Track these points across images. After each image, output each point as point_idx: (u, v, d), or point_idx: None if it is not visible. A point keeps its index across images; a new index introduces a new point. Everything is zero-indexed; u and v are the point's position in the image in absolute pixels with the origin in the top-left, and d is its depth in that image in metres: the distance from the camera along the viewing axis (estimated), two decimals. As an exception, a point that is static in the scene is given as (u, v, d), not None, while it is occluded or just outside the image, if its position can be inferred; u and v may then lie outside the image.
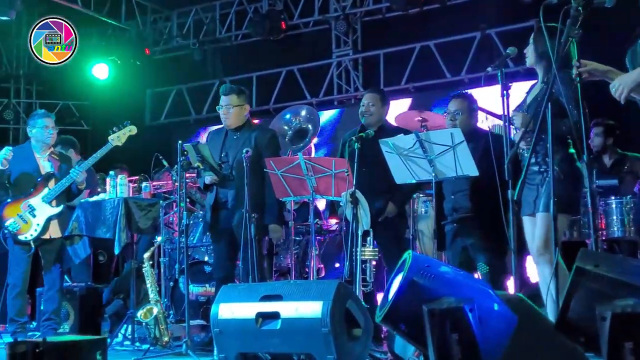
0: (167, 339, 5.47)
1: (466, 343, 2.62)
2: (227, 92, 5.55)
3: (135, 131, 6.12)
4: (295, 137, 7.49)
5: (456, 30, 9.46)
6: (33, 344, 2.94)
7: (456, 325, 2.69)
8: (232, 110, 5.51)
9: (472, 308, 2.62)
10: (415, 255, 3.10)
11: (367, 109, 5.60)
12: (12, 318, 5.95)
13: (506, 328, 2.68)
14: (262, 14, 10.64)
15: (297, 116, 7.63)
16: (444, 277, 2.89)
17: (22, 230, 5.93)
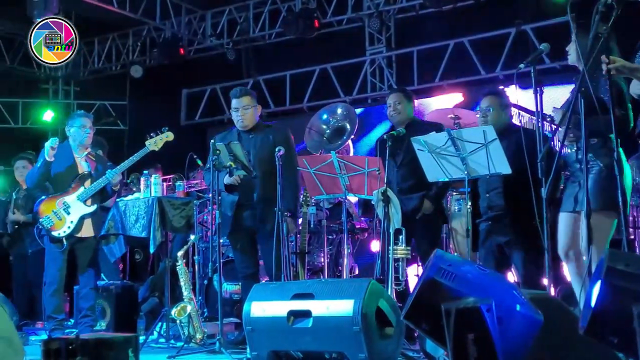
0: (200, 337, 5.51)
1: (482, 343, 2.60)
2: (242, 94, 5.62)
3: (172, 137, 6.23)
4: (334, 136, 7.51)
5: (491, 27, 9.39)
6: (66, 341, 2.99)
7: (472, 325, 2.68)
8: (247, 112, 5.58)
9: (489, 308, 2.60)
10: (438, 254, 3.09)
11: (394, 108, 5.59)
12: (49, 315, 6.06)
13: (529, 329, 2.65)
14: (295, 12, 10.65)
15: (334, 115, 7.66)
16: (465, 277, 2.87)
17: (56, 226, 6.03)
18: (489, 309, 2.60)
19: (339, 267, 6.84)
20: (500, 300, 2.66)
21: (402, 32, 10.43)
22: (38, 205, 6.09)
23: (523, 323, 2.64)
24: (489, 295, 2.69)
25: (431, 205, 5.44)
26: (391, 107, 5.61)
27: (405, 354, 4.48)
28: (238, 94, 5.64)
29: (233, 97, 5.66)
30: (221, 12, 11.62)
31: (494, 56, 9.30)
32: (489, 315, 2.59)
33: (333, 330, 3.93)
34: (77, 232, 6.05)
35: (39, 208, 6.07)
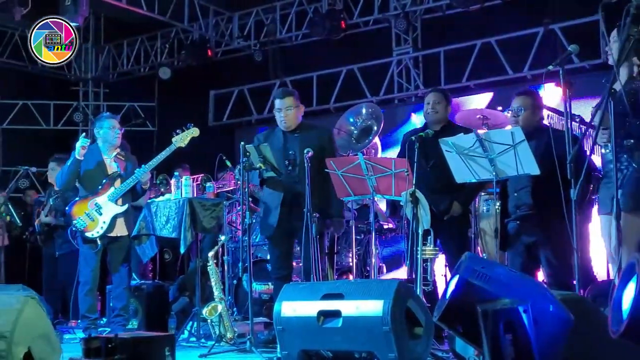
0: (231, 336, 5.58)
1: (520, 344, 2.62)
2: (285, 95, 5.62)
3: (197, 133, 6.29)
4: (361, 136, 7.55)
5: (518, 26, 9.36)
6: (106, 339, 3.08)
7: (510, 326, 2.70)
8: (290, 112, 5.57)
9: (526, 309, 2.63)
10: (471, 256, 3.12)
11: (433, 107, 5.59)
12: (83, 314, 6.17)
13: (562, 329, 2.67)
14: (322, 13, 10.70)
15: (359, 115, 7.70)
16: (499, 278, 2.90)
17: (89, 227, 6.13)
18: (526, 309, 2.62)
19: (367, 267, 6.89)
20: (534, 301, 2.68)
21: (428, 33, 10.44)
22: (70, 208, 6.19)
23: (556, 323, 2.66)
24: (522, 297, 2.72)
25: (460, 208, 5.45)
26: (429, 105, 5.60)
27: (435, 354, 4.51)
28: (281, 94, 5.65)
29: (276, 97, 5.66)
30: (248, 14, 11.71)
31: (522, 56, 9.27)
32: (526, 316, 2.62)
33: (363, 330, 3.97)
34: (110, 231, 6.15)
35: (71, 210, 6.18)
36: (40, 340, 3.60)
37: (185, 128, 6.22)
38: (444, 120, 5.60)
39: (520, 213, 5.01)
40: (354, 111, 7.91)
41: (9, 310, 3.52)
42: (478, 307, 2.80)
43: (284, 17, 11.41)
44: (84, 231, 6.11)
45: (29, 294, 3.68)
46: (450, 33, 10.11)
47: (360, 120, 7.66)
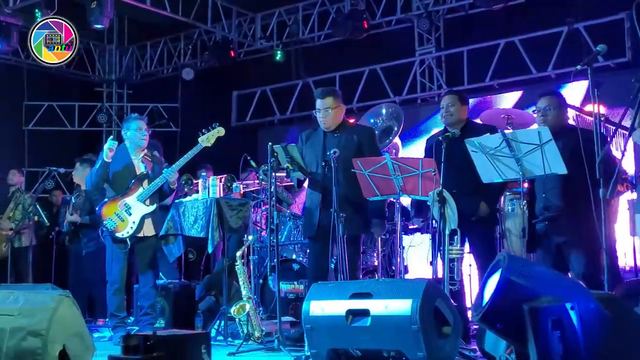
0: (259, 335, 5.63)
1: (568, 340, 2.64)
2: (325, 95, 5.58)
3: (223, 133, 6.33)
4: (382, 136, 7.57)
5: (542, 25, 9.33)
6: (144, 337, 3.14)
7: (558, 322, 2.72)
8: (330, 112, 5.56)
9: (573, 306, 2.65)
10: (510, 255, 3.14)
11: (447, 110, 5.60)
12: (112, 313, 6.25)
13: (602, 327, 2.69)
14: (344, 14, 10.72)
15: (379, 116, 7.72)
16: (541, 276, 2.92)
17: (119, 228, 6.20)
18: (573, 306, 2.65)
19: (392, 266, 6.91)
20: (577, 299, 2.70)
21: (451, 32, 10.43)
22: (100, 209, 6.27)
23: (597, 320, 2.68)
24: (564, 294, 2.74)
25: (487, 208, 5.46)
26: (444, 109, 5.63)
27: (463, 353, 4.53)
28: (320, 94, 5.62)
29: (317, 97, 5.64)
30: (271, 15, 11.76)
31: (546, 55, 9.24)
32: (573, 313, 2.64)
33: (391, 329, 3.99)
34: (139, 231, 6.23)
35: (101, 211, 6.25)
36: (75, 338, 3.68)
37: (211, 127, 6.27)
38: (461, 121, 5.59)
39: (548, 214, 5.01)
40: (374, 112, 7.94)
41: (44, 309, 3.60)
42: (524, 305, 2.83)
43: (306, 17, 11.45)
44: (114, 231, 6.18)
45: (63, 293, 3.74)
46: (473, 32, 10.10)
47: (380, 120, 7.69)
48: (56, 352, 3.51)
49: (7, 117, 11.96)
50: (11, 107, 11.55)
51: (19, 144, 11.90)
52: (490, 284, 3.15)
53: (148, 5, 10.32)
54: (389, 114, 7.73)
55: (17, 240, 8.90)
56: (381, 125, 7.68)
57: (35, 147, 12.12)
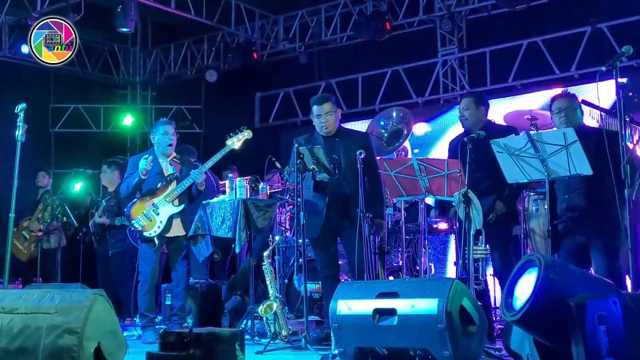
0: (286, 334, 5.70)
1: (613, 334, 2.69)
2: (322, 101, 5.77)
3: (250, 135, 6.44)
4: (391, 139, 7.60)
5: (565, 25, 9.32)
6: (181, 334, 3.23)
7: (603, 317, 2.77)
8: (330, 117, 5.73)
9: (615, 301, 2.70)
10: (544, 255, 3.18)
11: (462, 114, 5.68)
12: (142, 313, 6.35)
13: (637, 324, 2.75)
14: (366, 15, 10.76)
15: (390, 119, 7.75)
16: (576, 275, 2.97)
17: (147, 227, 6.30)
18: (615, 302, 2.70)
19: (417, 266, 6.96)
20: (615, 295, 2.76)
21: (474, 33, 10.44)
22: (129, 209, 6.38)
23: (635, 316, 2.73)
24: (602, 292, 2.79)
25: (504, 207, 5.50)
26: (460, 112, 5.70)
27: (488, 352, 4.57)
28: (319, 101, 5.79)
29: (314, 104, 5.80)
30: (293, 17, 11.81)
31: (569, 55, 9.23)
32: (616, 308, 2.69)
33: (418, 328, 4.05)
34: (167, 232, 6.33)
35: (130, 211, 6.37)
36: (109, 335, 3.77)
37: (239, 130, 6.36)
38: (479, 123, 5.63)
39: (571, 215, 5.03)
40: (384, 115, 7.97)
41: (79, 307, 3.69)
42: (570, 302, 2.88)
43: (329, 19, 11.50)
44: (142, 230, 6.30)
45: (97, 292, 3.83)
46: (495, 33, 10.09)
47: (390, 123, 7.72)
48: (91, 349, 3.60)
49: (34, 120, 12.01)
50: (38, 110, 11.67)
51: (45, 146, 12.05)
52: (523, 284, 3.20)
53: (172, 8, 10.43)
54: (399, 117, 7.77)
55: (46, 242, 9.05)
56: (391, 128, 7.70)
57: (61, 149, 12.28)
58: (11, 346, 3.65)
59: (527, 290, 3.33)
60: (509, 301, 3.49)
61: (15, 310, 3.73)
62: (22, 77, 11.19)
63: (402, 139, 7.61)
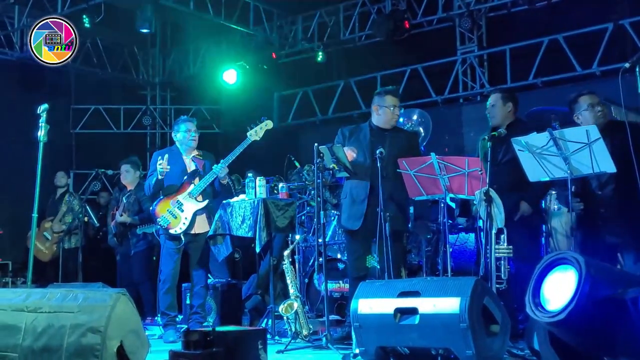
0: (306, 333, 5.69)
1: None
2: (398, 94, 5.83)
3: (271, 125, 6.41)
4: None
5: (586, 22, 9.23)
6: (204, 333, 3.24)
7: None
8: (398, 111, 5.78)
9: None
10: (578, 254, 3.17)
11: (489, 111, 5.64)
12: (163, 311, 6.38)
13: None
14: (385, 14, 10.74)
15: (410, 120, 7.71)
16: (613, 272, 2.97)
17: (172, 224, 6.32)
18: None
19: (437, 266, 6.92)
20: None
21: (493, 31, 10.38)
22: (155, 207, 6.41)
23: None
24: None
25: (529, 208, 5.45)
26: (487, 109, 5.67)
27: (511, 351, 4.54)
28: (395, 92, 5.83)
29: (390, 94, 5.77)
30: (312, 16, 11.81)
31: (590, 52, 9.14)
32: None
33: (440, 327, 4.03)
34: (191, 228, 6.35)
35: (155, 210, 6.40)
36: (131, 334, 3.78)
37: (259, 121, 6.35)
38: (506, 119, 5.58)
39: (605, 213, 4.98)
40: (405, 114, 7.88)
41: (102, 306, 3.71)
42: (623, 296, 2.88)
43: (347, 18, 11.49)
44: (168, 228, 6.31)
45: (120, 291, 3.85)
46: (515, 30, 10.02)
47: (409, 124, 7.66)
48: (114, 348, 3.62)
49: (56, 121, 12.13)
50: (59, 111, 11.79)
51: (67, 147, 12.16)
52: (554, 284, 3.18)
53: (191, 9, 10.46)
54: (418, 120, 7.72)
55: (67, 242, 9.12)
56: (409, 128, 7.65)
57: (82, 150, 12.38)
58: (36, 345, 3.68)
59: (563, 291, 3.31)
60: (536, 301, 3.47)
61: (39, 309, 3.76)
62: (43, 79, 11.28)
63: (420, 140, 7.56)
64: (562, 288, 3.45)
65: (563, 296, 3.50)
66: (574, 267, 3.36)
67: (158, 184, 6.36)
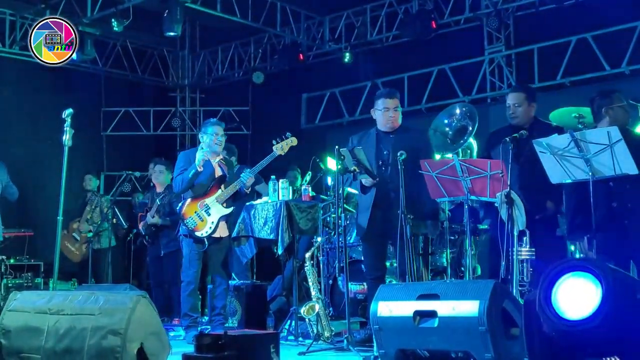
0: (328, 335, 5.72)
1: None
2: (394, 95, 5.77)
3: (296, 142, 6.47)
4: (456, 136, 7.49)
5: (615, 21, 9.12)
6: (216, 336, 3.28)
7: None
8: (397, 112, 5.74)
9: None
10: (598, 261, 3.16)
11: (513, 111, 5.56)
12: (185, 313, 6.44)
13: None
14: (412, 14, 10.70)
15: (453, 116, 7.63)
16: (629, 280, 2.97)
17: (199, 227, 6.37)
18: None
19: (462, 267, 6.89)
20: None
21: (521, 30, 10.29)
22: (182, 208, 6.46)
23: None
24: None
25: (553, 206, 5.41)
26: (510, 109, 5.60)
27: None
28: (389, 94, 5.77)
29: (383, 97, 5.75)
30: (339, 17, 11.82)
31: (619, 51, 9.03)
32: None
33: (459, 330, 4.02)
34: (215, 232, 6.39)
35: (182, 210, 6.44)
36: (152, 337, 3.84)
37: (285, 137, 6.39)
38: (529, 120, 5.54)
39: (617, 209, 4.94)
40: (446, 112, 7.86)
41: (123, 309, 3.77)
42: None
43: (374, 19, 11.47)
44: (194, 230, 6.36)
45: (140, 294, 3.90)
46: (543, 30, 9.93)
47: (455, 120, 7.60)
48: (134, 350, 3.68)
49: (87, 123, 12.37)
50: (90, 114, 11.97)
51: (97, 149, 12.32)
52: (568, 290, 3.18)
53: (219, 12, 10.54)
54: (463, 113, 7.61)
55: (96, 243, 9.23)
56: (455, 125, 7.59)
57: (112, 152, 12.54)
58: (57, 347, 3.76)
59: (584, 299, 3.31)
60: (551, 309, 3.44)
61: (61, 312, 3.84)
62: (74, 82, 11.48)
63: (467, 135, 7.49)
64: (582, 297, 3.43)
65: (584, 305, 3.47)
66: (590, 273, 3.33)
67: (194, 177, 6.35)
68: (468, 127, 7.38)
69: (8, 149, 9.94)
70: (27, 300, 4.13)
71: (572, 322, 3.50)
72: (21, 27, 10.94)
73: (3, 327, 4.09)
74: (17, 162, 7.52)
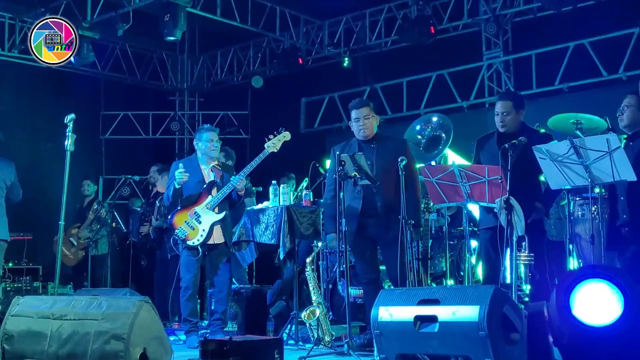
0: (329, 339, 5.74)
1: None
2: (361, 105, 5.84)
3: (289, 137, 6.40)
4: (429, 145, 7.48)
5: (612, 27, 9.18)
6: (221, 342, 3.31)
7: None
8: (368, 121, 5.78)
9: None
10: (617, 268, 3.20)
11: (502, 119, 5.56)
12: (185, 318, 6.43)
13: None
14: (411, 19, 10.75)
15: (429, 124, 7.62)
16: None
17: (190, 236, 6.34)
18: None
19: (461, 272, 6.93)
20: None
21: (519, 36, 10.35)
22: (172, 218, 6.43)
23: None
24: None
25: (542, 208, 5.46)
26: (498, 117, 5.58)
27: (531, 359, 4.54)
28: (358, 105, 5.85)
29: (353, 108, 5.85)
30: (338, 22, 11.87)
31: (617, 57, 9.09)
32: None
33: (459, 335, 4.04)
34: (209, 239, 6.36)
35: (173, 220, 6.41)
36: (154, 341, 3.86)
37: (277, 133, 6.38)
38: (517, 128, 5.55)
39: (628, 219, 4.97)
40: (422, 120, 7.82)
41: (126, 314, 3.80)
42: None
43: (373, 24, 11.52)
44: (186, 239, 6.34)
45: (143, 299, 3.93)
46: (541, 35, 9.98)
47: (428, 129, 7.58)
48: (137, 355, 3.70)
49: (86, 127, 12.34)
50: (89, 118, 11.99)
51: (96, 153, 12.35)
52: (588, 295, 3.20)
53: (218, 16, 10.58)
54: (439, 123, 7.64)
55: (94, 249, 9.21)
56: (428, 134, 7.57)
57: (111, 155, 12.56)
58: (61, 351, 3.78)
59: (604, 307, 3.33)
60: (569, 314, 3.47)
61: (64, 317, 3.87)
62: (73, 86, 11.50)
63: (441, 145, 7.52)
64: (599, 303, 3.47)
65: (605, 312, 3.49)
66: (611, 282, 3.36)
67: (176, 193, 6.38)
68: (442, 137, 7.39)
69: (7, 153, 9.93)
70: (30, 305, 4.15)
71: (593, 329, 3.51)
72: (20, 31, 10.96)
73: (6, 332, 4.11)
74: (16, 166, 7.54)
